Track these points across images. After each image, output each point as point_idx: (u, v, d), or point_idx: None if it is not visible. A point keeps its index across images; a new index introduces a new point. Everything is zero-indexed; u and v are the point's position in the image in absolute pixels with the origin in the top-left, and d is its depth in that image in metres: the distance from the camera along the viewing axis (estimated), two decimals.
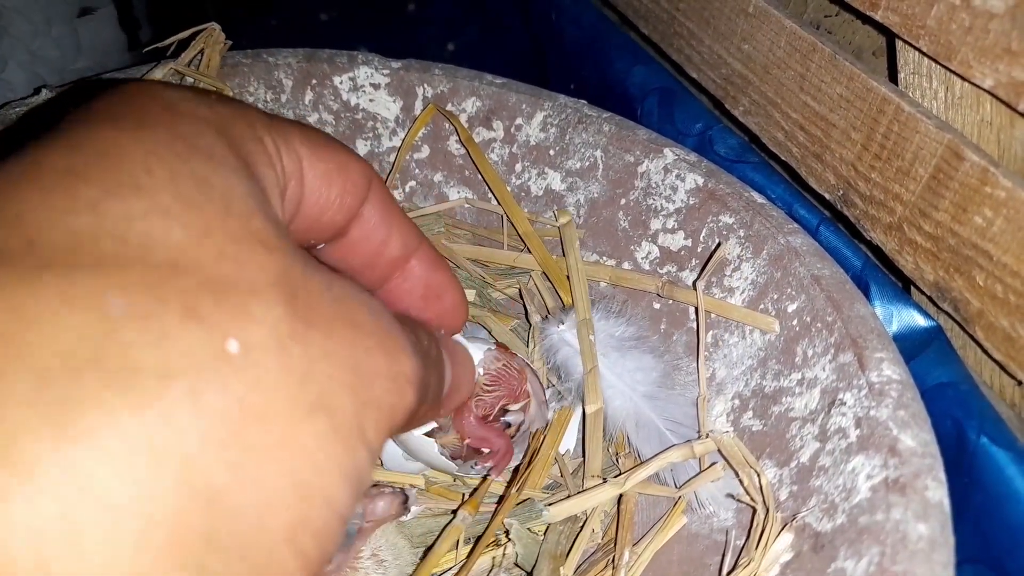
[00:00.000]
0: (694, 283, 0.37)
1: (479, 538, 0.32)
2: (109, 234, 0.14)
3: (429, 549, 0.31)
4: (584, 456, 0.35)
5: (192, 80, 0.43)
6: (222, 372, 0.13)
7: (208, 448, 0.13)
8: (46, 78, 0.58)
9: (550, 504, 0.33)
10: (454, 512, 0.33)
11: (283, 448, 0.14)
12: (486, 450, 0.33)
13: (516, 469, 0.36)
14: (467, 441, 0.33)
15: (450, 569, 0.33)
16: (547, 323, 0.40)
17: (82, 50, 0.58)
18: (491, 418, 0.34)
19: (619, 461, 0.37)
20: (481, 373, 0.34)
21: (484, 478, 0.35)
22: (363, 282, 0.24)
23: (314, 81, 0.46)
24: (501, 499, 0.34)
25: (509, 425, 0.35)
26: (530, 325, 0.43)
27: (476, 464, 0.34)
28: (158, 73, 0.42)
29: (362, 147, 0.48)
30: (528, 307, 0.43)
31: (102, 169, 0.14)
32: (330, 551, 0.15)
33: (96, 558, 0.12)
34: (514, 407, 0.34)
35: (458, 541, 0.32)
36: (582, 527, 0.33)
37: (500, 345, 0.35)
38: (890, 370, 0.29)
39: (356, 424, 0.16)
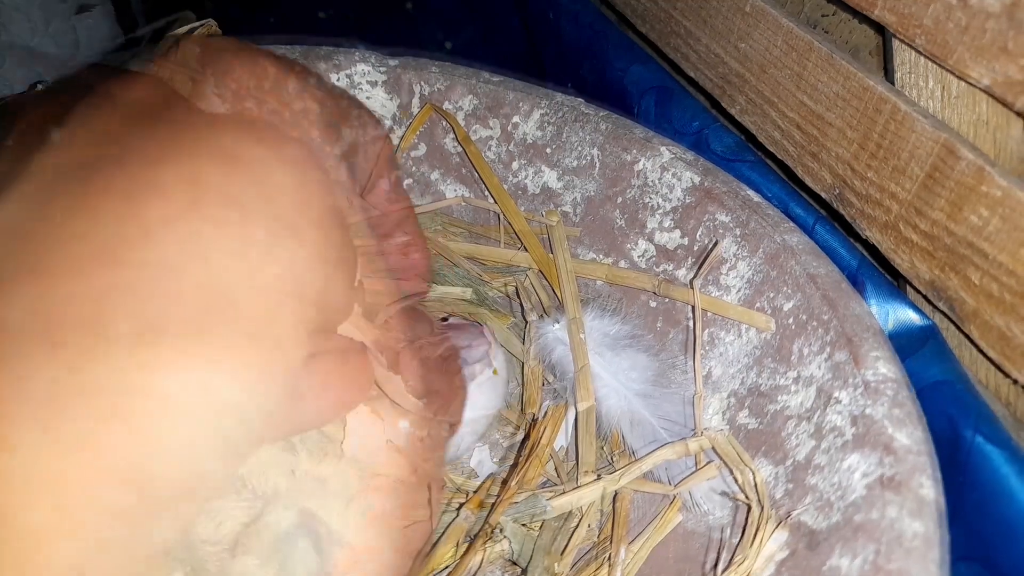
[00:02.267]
0: (691, 281, 0.37)
1: (475, 535, 0.32)
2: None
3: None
4: (577, 453, 0.35)
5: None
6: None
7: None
8: (44, 74, 0.58)
9: (546, 500, 0.33)
10: (456, 511, 0.33)
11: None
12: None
13: (513, 465, 0.36)
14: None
15: (447, 567, 0.32)
16: (542, 322, 0.40)
17: (80, 47, 0.58)
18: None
19: (614, 459, 0.37)
20: None
21: (489, 476, 0.35)
22: None
23: None
24: (497, 498, 0.34)
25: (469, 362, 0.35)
26: (526, 323, 0.43)
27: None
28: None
29: None
30: (524, 305, 0.43)
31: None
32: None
33: None
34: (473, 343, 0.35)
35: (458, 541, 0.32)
36: (577, 524, 0.33)
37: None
38: (885, 368, 0.29)
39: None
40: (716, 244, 0.37)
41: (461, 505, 0.33)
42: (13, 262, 0.12)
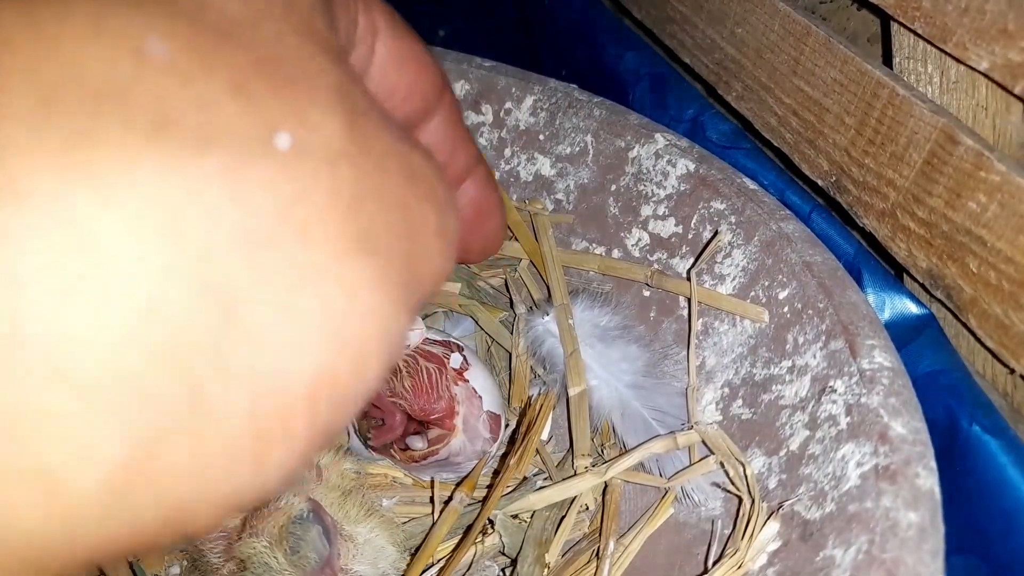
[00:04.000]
0: (688, 272, 0.37)
1: (469, 527, 0.31)
2: None
3: (418, 547, 0.31)
4: (571, 439, 0.35)
5: None
6: (267, 163, 0.11)
7: (236, 244, 0.11)
8: None
9: (535, 490, 0.33)
10: (450, 496, 0.33)
11: (323, 278, 0.11)
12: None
13: (503, 456, 0.35)
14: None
15: (439, 560, 0.32)
16: (532, 315, 0.39)
17: None
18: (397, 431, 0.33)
19: (604, 452, 0.36)
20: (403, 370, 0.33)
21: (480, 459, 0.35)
22: None
23: None
24: (490, 487, 0.33)
25: (407, 448, 0.34)
26: (515, 315, 0.42)
27: (370, 437, 0.33)
28: None
29: None
30: (514, 297, 0.43)
31: None
32: (337, 429, 0.13)
33: (76, 330, 0.10)
34: (417, 438, 0.34)
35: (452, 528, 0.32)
36: (565, 514, 0.32)
37: (460, 370, 0.35)
38: (881, 357, 0.29)
39: (403, 279, 0.13)
40: (716, 235, 0.36)
41: (456, 487, 0.33)
42: None
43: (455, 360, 0.35)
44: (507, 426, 0.37)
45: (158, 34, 0.11)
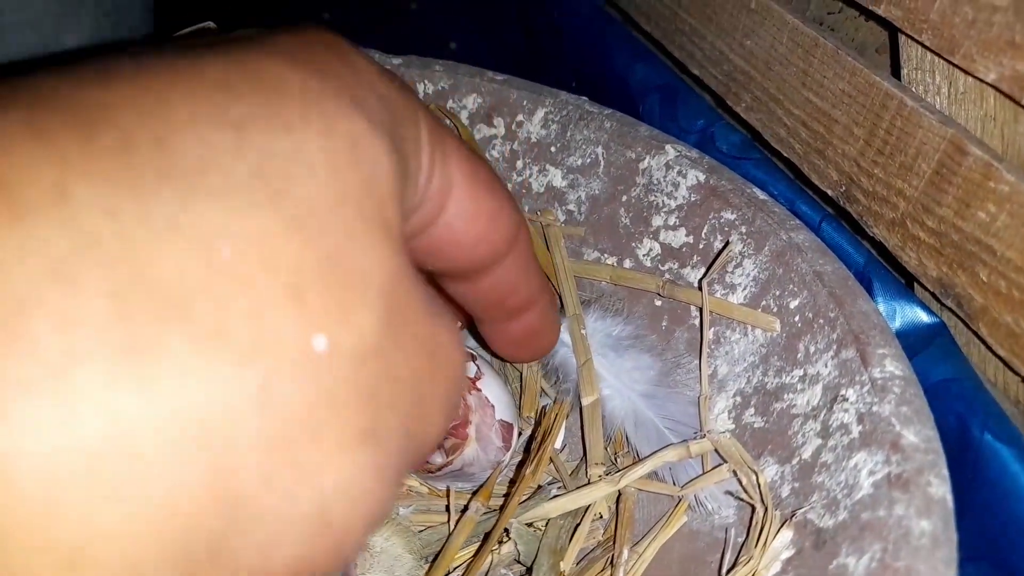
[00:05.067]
0: (699, 282, 0.37)
1: (486, 536, 0.32)
2: (245, 160, 0.12)
3: (436, 555, 0.31)
4: (584, 448, 0.35)
5: None
6: (302, 370, 0.12)
7: (255, 447, 0.12)
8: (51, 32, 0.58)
9: (549, 499, 0.33)
10: (466, 506, 0.33)
11: (323, 472, 0.13)
12: None
13: (519, 465, 0.36)
14: None
15: (456, 568, 0.32)
16: None
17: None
18: None
19: (617, 460, 0.37)
20: None
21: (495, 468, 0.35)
22: (463, 311, 0.22)
23: None
24: (506, 495, 0.34)
25: (426, 461, 0.33)
26: None
27: None
28: None
29: None
30: None
31: (259, 96, 0.13)
32: None
33: (104, 525, 0.11)
34: (436, 452, 0.33)
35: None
36: (579, 523, 0.33)
37: (474, 378, 0.35)
38: (893, 366, 0.29)
39: (398, 462, 0.14)
40: (727, 245, 0.36)
41: (472, 496, 0.33)
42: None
43: (469, 369, 0.35)
44: (520, 435, 0.38)
45: (230, 233, 0.11)
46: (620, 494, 0.34)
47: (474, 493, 0.34)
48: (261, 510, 0.12)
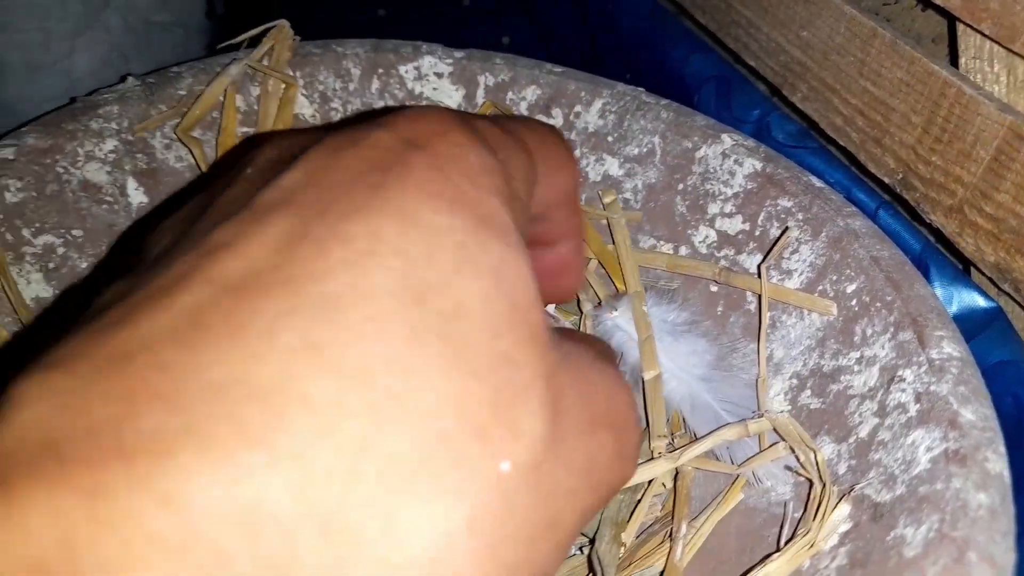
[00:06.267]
0: (758, 267, 0.38)
1: None
2: (423, 321, 0.14)
3: None
4: (647, 421, 0.36)
5: (263, 74, 0.45)
6: (495, 497, 0.13)
7: (473, 564, 0.13)
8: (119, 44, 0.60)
9: None
10: None
11: (520, 568, 0.14)
12: None
13: None
14: None
15: None
16: (599, 310, 0.41)
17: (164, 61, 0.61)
18: None
19: (674, 441, 0.38)
20: None
21: None
22: None
23: (380, 70, 0.47)
24: None
25: None
26: (581, 313, 0.44)
27: None
28: (234, 70, 0.44)
29: None
30: (581, 296, 0.44)
31: (413, 251, 0.14)
32: None
33: None
34: None
35: None
36: (641, 497, 0.34)
37: None
38: (950, 347, 0.30)
39: (574, 533, 0.15)
40: (786, 230, 0.37)
41: None
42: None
43: None
44: None
45: (442, 400, 0.13)
46: (678, 472, 0.35)
47: None
48: None
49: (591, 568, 0.31)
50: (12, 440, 0.11)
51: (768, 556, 0.29)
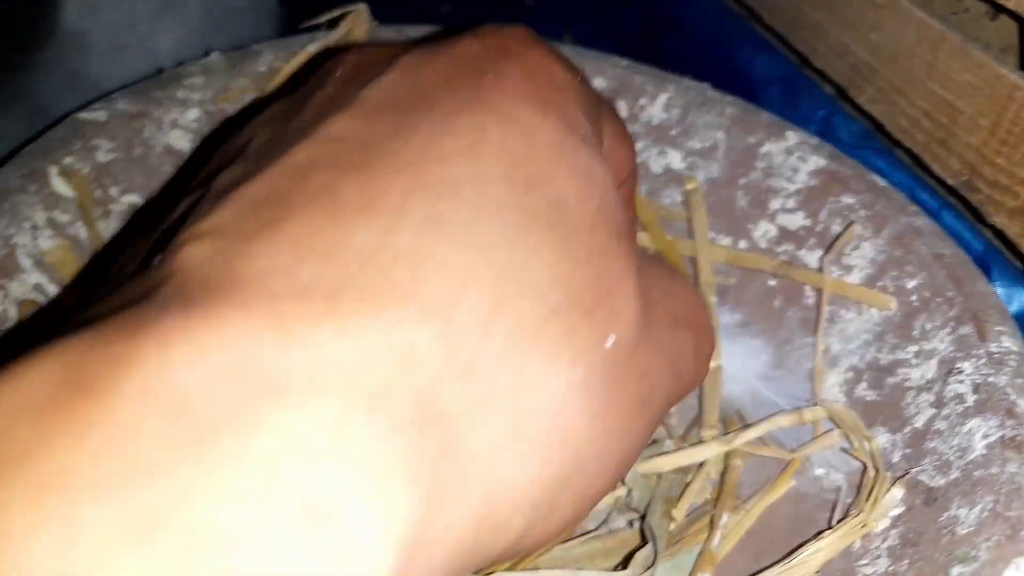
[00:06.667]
0: (820, 260, 0.38)
1: None
2: (535, 208, 0.15)
3: None
4: (701, 408, 0.37)
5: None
6: (602, 368, 0.15)
7: (584, 421, 0.15)
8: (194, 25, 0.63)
9: (661, 454, 0.35)
10: None
11: (621, 438, 0.16)
12: None
13: None
14: None
15: None
16: None
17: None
18: None
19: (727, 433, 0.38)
20: None
21: None
22: None
23: None
24: None
25: None
26: None
27: None
28: (312, 48, 0.46)
29: None
30: None
31: (520, 152, 0.16)
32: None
33: None
34: None
35: None
36: (692, 479, 0.35)
37: None
38: (1009, 342, 0.30)
39: (659, 415, 0.18)
40: (850, 225, 0.38)
41: None
42: (347, 161, 0.14)
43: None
44: None
45: (559, 287, 0.15)
46: (727, 464, 0.35)
47: None
48: (595, 465, 0.15)
49: (643, 538, 0.32)
50: (193, 267, 0.13)
51: (819, 533, 0.29)
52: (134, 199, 0.40)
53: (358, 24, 0.48)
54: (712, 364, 0.37)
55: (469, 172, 0.15)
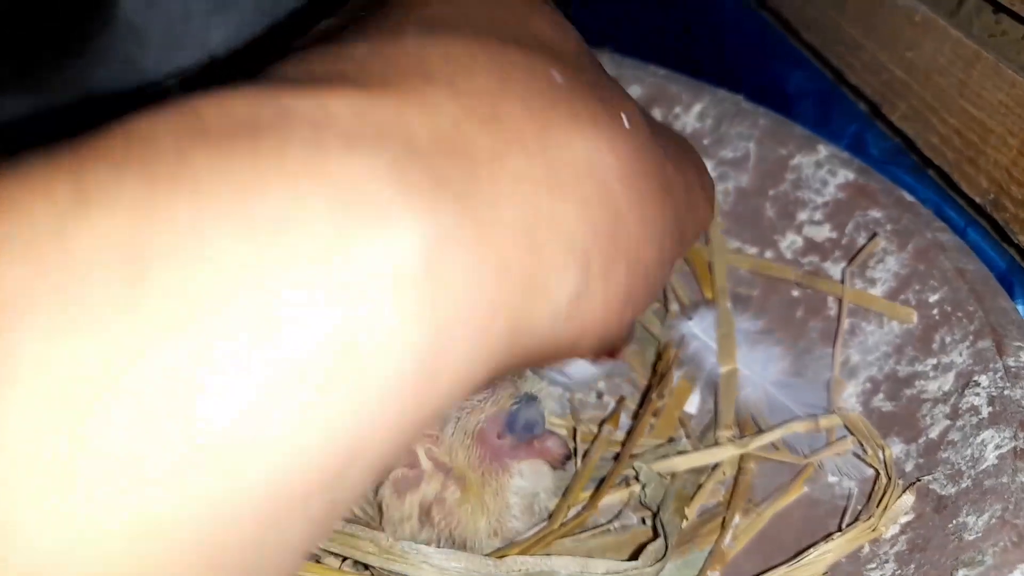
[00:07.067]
0: (843, 271, 0.39)
1: (611, 471, 0.35)
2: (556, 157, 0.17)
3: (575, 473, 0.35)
4: (716, 412, 0.37)
5: None
6: (625, 138, 0.17)
7: (620, 182, 0.17)
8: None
9: (677, 453, 0.36)
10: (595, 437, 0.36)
11: (655, 211, 0.18)
12: None
13: (643, 398, 0.39)
14: None
15: (581, 504, 0.35)
16: (677, 320, 0.42)
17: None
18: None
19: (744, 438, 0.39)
20: None
21: (620, 400, 0.38)
22: None
23: None
24: (630, 432, 0.37)
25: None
26: (666, 311, 0.45)
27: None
28: None
29: None
30: (667, 295, 0.45)
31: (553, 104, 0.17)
32: None
33: None
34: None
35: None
36: (705, 479, 0.35)
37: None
38: None
39: (681, 228, 0.20)
40: (874, 236, 0.38)
41: (601, 423, 0.36)
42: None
43: None
44: None
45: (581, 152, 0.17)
46: (740, 466, 0.36)
47: (603, 422, 0.37)
48: (637, 229, 0.17)
49: (655, 533, 0.32)
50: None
51: (828, 535, 0.30)
52: None
53: None
54: (729, 367, 0.38)
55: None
